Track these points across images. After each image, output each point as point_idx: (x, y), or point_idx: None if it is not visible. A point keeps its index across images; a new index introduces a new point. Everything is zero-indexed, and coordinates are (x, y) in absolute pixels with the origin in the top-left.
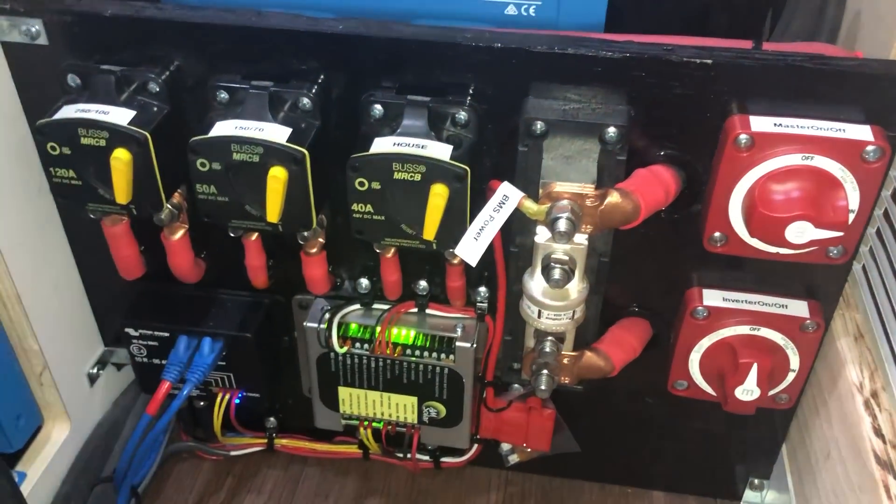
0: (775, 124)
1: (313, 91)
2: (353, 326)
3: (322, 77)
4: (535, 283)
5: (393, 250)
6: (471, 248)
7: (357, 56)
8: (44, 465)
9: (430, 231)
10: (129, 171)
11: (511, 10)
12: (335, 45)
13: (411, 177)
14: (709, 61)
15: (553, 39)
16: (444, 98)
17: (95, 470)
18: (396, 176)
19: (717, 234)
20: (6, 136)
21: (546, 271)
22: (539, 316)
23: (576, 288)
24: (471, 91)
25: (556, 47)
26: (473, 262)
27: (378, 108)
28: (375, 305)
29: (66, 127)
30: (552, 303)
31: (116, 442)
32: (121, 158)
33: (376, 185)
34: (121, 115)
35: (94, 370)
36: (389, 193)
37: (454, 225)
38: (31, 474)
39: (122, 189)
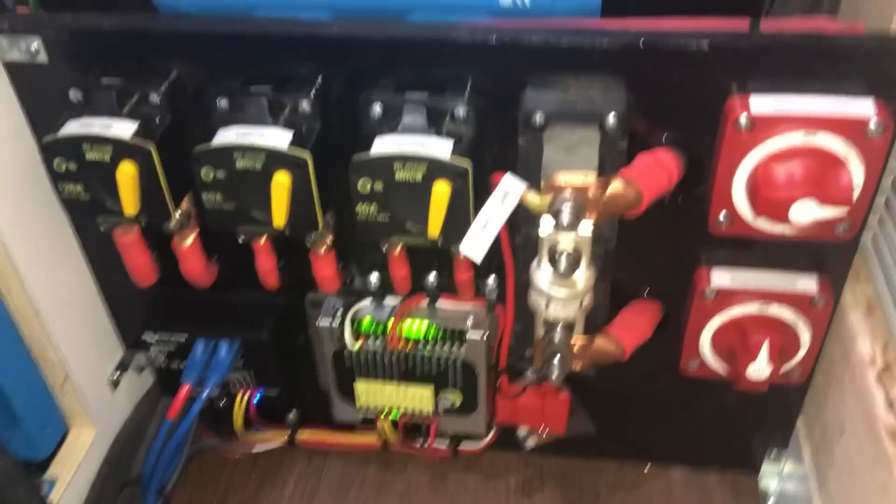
0: (776, 103)
1: (312, 94)
2: (366, 322)
3: (320, 79)
4: (542, 274)
5: (400, 247)
6: (476, 245)
7: (354, 57)
8: (72, 471)
9: (434, 229)
10: (136, 183)
11: (506, 1)
12: (331, 46)
13: (413, 176)
14: (705, 46)
15: (548, 31)
16: (442, 94)
17: (122, 473)
18: (398, 176)
19: (722, 215)
20: (14, 154)
21: (552, 262)
22: (547, 306)
23: (583, 277)
24: (468, 86)
25: (550, 39)
26: (478, 259)
27: (377, 108)
28: (386, 300)
29: (71, 143)
30: (560, 293)
31: (141, 445)
32: (126, 171)
33: (379, 186)
34: (124, 129)
35: (116, 375)
36: (392, 193)
37: (458, 221)
38: (61, 480)
39: (129, 201)
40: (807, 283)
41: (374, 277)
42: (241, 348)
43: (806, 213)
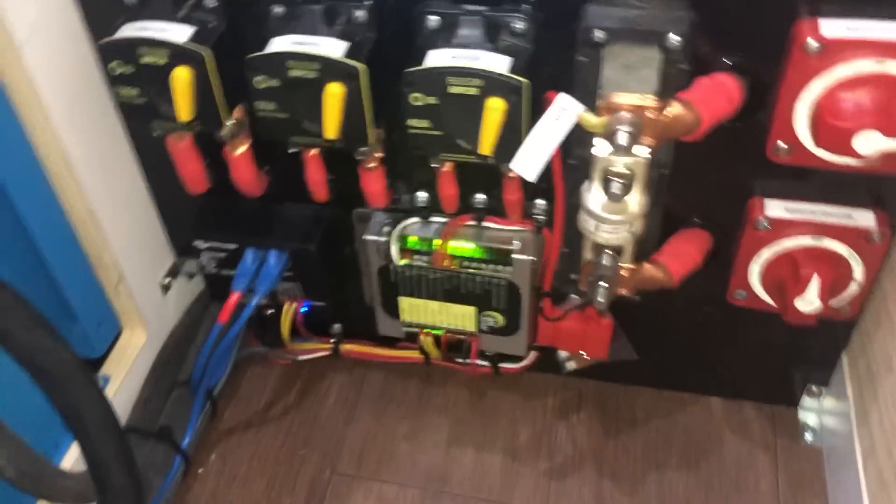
0: (847, 28)
1: (368, 3)
2: (412, 239)
3: None
4: (594, 197)
5: (450, 164)
6: (528, 163)
7: None
8: (125, 370)
9: (486, 146)
10: (190, 89)
11: None
12: None
13: (467, 90)
14: None
15: None
16: (500, 7)
17: (172, 375)
18: (452, 90)
19: (781, 143)
20: (71, 57)
21: (605, 185)
22: (597, 229)
23: (635, 201)
24: None
25: None
26: (531, 178)
27: (433, 19)
28: (433, 218)
29: (127, 46)
30: (610, 216)
31: (191, 348)
32: (181, 76)
33: (432, 100)
34: (180, 33)
35: (167, 280)
36: (445, 108)
37: (511, 139)
38: (114, 378)
39: (183, 106)
40: (864, 217)
41: (421, 195)
42: (290, 259)
43: (870, 144)
